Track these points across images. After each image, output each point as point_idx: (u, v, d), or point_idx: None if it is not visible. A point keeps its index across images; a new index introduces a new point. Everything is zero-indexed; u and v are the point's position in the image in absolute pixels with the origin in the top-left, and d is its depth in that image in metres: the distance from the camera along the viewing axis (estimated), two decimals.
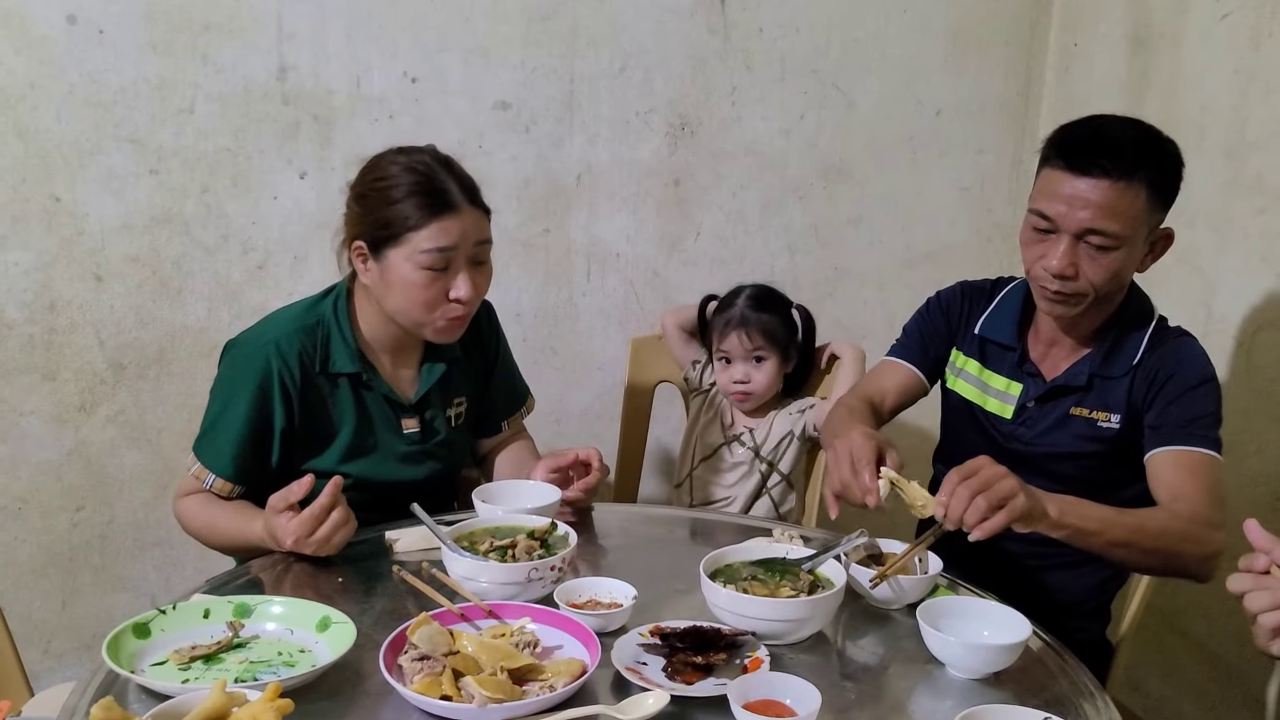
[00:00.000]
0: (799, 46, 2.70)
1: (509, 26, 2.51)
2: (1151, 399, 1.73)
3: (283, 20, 2.37)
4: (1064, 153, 1.66)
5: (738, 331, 2.28)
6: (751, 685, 1.24)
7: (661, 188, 2.71)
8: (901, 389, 1.99)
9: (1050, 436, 1.81)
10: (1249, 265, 2.23)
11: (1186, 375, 1.72)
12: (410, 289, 1.74)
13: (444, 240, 1.72)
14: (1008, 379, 1.87)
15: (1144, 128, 1.69)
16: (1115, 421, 1.76)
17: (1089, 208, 1.62)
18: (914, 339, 2.01)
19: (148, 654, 1.35)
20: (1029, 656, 1.42)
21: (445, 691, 1.22)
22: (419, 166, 1.75)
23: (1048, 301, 1.73)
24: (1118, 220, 1.62)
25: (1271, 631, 1.17)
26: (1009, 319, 1.88)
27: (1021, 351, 1.85)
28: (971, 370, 1.92)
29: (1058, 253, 1.66)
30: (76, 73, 2.27)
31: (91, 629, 2.52)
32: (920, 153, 2.85)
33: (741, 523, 2.04)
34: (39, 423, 2.40)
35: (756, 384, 2.28)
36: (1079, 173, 1.63)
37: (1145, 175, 1.62)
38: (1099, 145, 1.63)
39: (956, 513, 1.43)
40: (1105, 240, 1.63)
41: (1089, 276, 1.67)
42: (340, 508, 1.62)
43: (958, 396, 1.94)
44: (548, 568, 1.49)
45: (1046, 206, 1.67)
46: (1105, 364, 1.77)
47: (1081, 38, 2.74)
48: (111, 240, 2.37)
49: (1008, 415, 1.85)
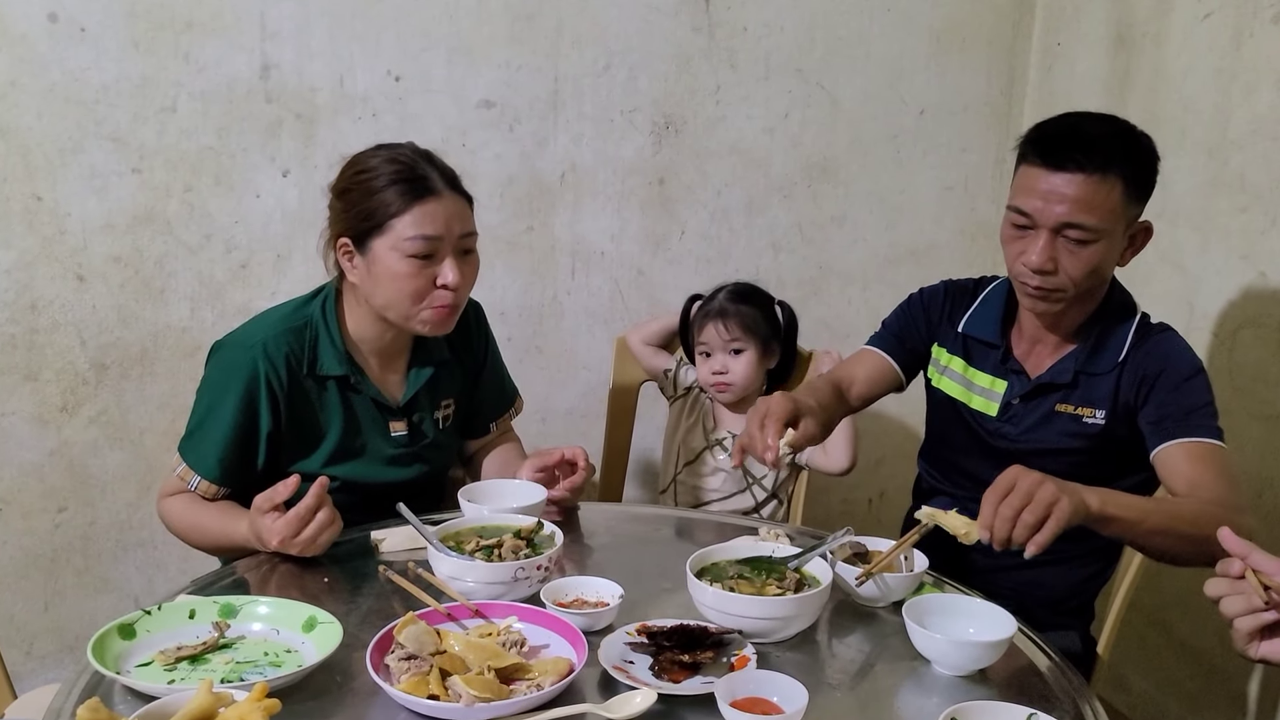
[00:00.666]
0: (783, 45, 2.71)
1: (493, 25, 2.51)
2: (1145, 396, 1.73)
3: (266, 18, 2.36)
4: (1039, 149, 1.67)
5: (715, 323, 2.28)
6: (739, 683, 1.24)
7: (646, 186, 2.71)
8: (873, 378, 1.99)
9: (1036, 433, 1.81)
10: (1231, 263, 2.24)
11: (1177, 368, 1.72)
12: (397, 279, 1.73)
13: (428, 227, 1.71)
14: (992, 376, 1.87)
15: (1118, 122, 1.70)
16: (1100, 417, 1.76)
17: (1065, 202, 1.63)
18: (893, 331, 2.01)
19: (133, 655, 1.34)
20: (1014, 654, 1.43)
21: (432, 691, 1.22)
22: (399, 157, 1.75)
23: (1029, 298, 1.74)
24: (1095, 213, 1.63)
25: (1248, 635, 1.18)
26: (993, 316, 1.88)
27: (1005, 349, 1.86)
28: (956, 368, 1.93)
29: (1037, 248, 1.67)
30: (58, 71, 2.26)
31: (74, 631, 2.50)
32: (904, 151, 2.86)
33: (727, 521, 2.04)
34: (20, 423, 2.39)
35: (735, 375, 2.28)
36: (1054, 168, 1.64)
37: (1120, 168, 1.63)
38: (1073, 140, 1.65)
39: (1003, 534, 1.39)
40: (1083, 234, 1.64)
41: (1068, 271, 1.67)
42: (326, 508, 1.61)
43: (942, 394, 1.95)
44: (534, 567, 1.49)
45: (1024, 202, 1.68)
46: (1090, 360, 1.77)
47: (1064, 37, 2.76)
48: (93, 239, 2.35)
49: (993, 413, 1.86)
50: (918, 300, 2.01)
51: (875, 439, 2.88)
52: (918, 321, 1.99)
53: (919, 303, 2.00)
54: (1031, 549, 1.38)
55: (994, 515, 1.40)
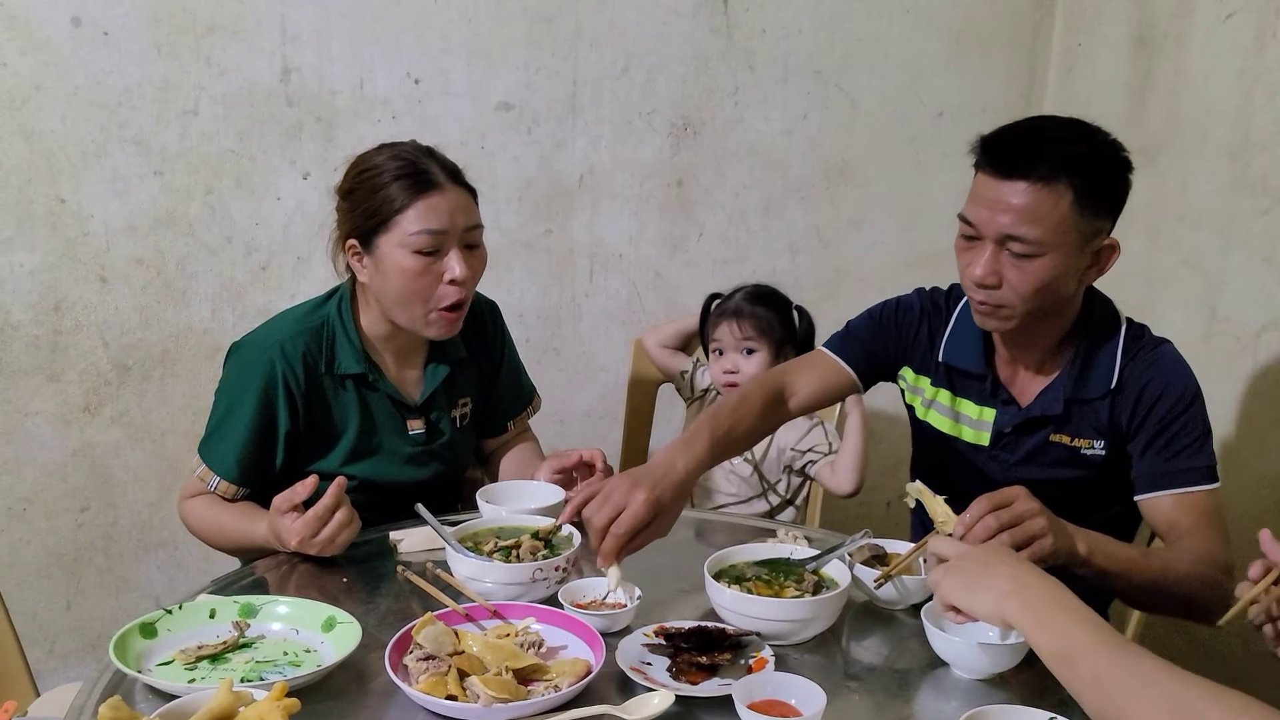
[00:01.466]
0: (801, 47, 2.70)
1: (512, 28, 2.51)
2: (1138, 425, 1.64)
3: (286, 22, 2.37)
4: (990, 156, 1.57)
5: (730, 322, 2.28)
6: (756, 685, 1.24)
7: (664, 188, 2.71)
8: (823, 388, 1.85)
9: (1031, 464, 1.72)
10: (1253, 266, 2.23)
11: (1173, 396, 1.62)
12: (404, 276, 1.73)
13: (433, 221, 1.71)
14: (980, 406, 1.76)
15: (1080, 128, 1.58)
16: (1100, 447, 1.67)
17: (1009, 212, 1.52)
18: (858, 341, 1.88)
19: (154, 654, 1.35)
20: (1033, 657, 1.42)
21: (450, 691, 1.22)
22: (401, 154, 1.76)
23: (978, 314, 1.64)
24: (1038, 226, 1.51)
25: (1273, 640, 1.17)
26: (972, 342, 1.76)
27: (992, 378, 1.74)
28: (943, 401, 1.81)
29: (980, 261, 1.57)
30: (81, 74, 2.28)
31: (96, 629, 2.52)
32: (923, 154, 2.85)
33: (745, 523, 2.04)
34: (44, 424, 2.41)
35: (745, 375, 2.27)
36: (1001, 176, 1.54)
37: (1071, 179, 1.51)
38: (1022, 146, 1.54)
39: (977, 539, 1.38)
40: (1026, 247, 1.53)
41: (1014, 286, 1.56)
42: (344, 508, 1.62)
43: (931, 429, 1.83)
44: (552, 568, 1.49)
45: (969, 211, 1.59)
46: (1079, 386, 1.67)
47: (1085, 38, 2.74)
48: (116, 241, 2.37)
49: (985, 443, 1.76)
50: (891, 314, 1.87)
51: (893, 443, 2.86)
52: (888, 337, 1.86)
53: (891, 317, 1.86)
54: None
55: (977, 520, 1.39)
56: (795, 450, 2.29)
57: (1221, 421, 2.29)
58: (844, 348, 1.88)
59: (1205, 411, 1.65)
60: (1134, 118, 2.53)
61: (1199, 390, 1.65)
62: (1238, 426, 2.26)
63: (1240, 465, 2.22)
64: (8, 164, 2.27)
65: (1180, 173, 2.38)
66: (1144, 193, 2.48)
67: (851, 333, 1.89)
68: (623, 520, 1.42)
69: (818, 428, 2.31)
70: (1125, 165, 1.58)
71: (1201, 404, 1.65)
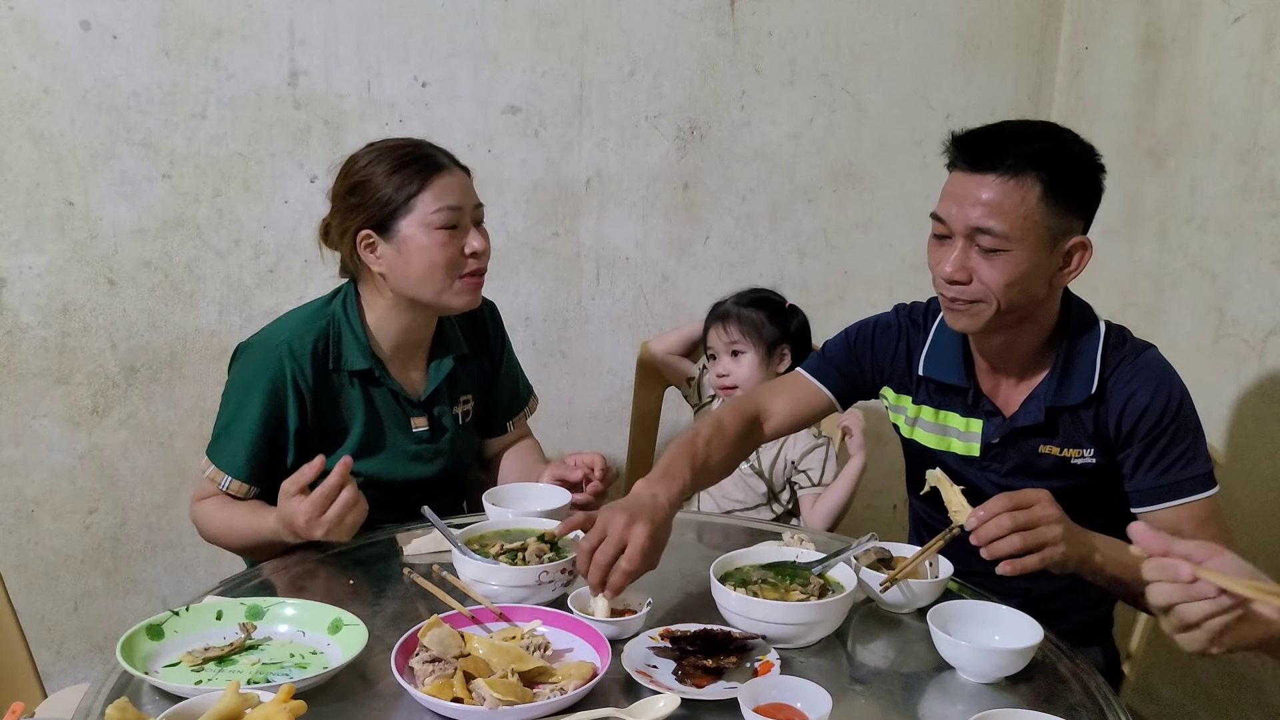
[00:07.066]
0: (808, 50, 2.70)
1: (518, 31, 2.52)
2: (1127, 438, 1.62)
3: (294, 25, 2.38)
4: (960, 151, 1.58)
5: (717, 326, 2.30)
6: (762, 689, 1.24)
7: (670, 192, 2.71)
8: (799, 411, 1.85)
9: (1022, 475, 1.69)
10: (1261, 269, 2.22)
11: (1159, 407, 1.60)
12: (430, 251, 1.78)
13: (450, 197, 1.79)
14: (965, 418, 1.74)
15: (1049, 128, 1.60)
16: (1090, 456, 1.66)
17: (978, 205, 1.53)
18: (834, 364, 1.86)
19: (161, 655, 1.35)
20: (1040, 661, 1.42)
21: (456, 694, 1.22)
22: (398, 145, 1.84)
23: (950, 312, 1.63)
24: (1005, 218, 1.52)
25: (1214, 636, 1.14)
26: (951, 354, 1.74)
27: (974, 390, 1.72)
28: (927, 417, 1.79)
29: (950, 257, 1.58)
30: (90, 78, 2.28)
31: (103, 631, 2.53)
32: (930, 157, 2.83)
33: (751, 526, 2.04)
34: (52, 426, 2.42)
35: (736, 377, 2.28)
36: (970, 170, 1.56)
37: (1039, 173, 1.52)
38: (991, 141, 1.56)
39: (987, 535, 1.38)
40: (994, 241, 1.53)
41: (985, 281, 1.56)
42: (350, 487, 1.62)
43: (918, 445, 1.81)
44: (558, 570, 1.50)
45: (940, 208, 1.60)
46: (1060, 393, 1.64)
47: (1092, 41, 2.74)
48: (124, 244, 2.38)
49: (975, 454, 1.73)
50: (868, 336, 1.85)
51: (899, 447, 2.85)
52: (863, 360, 1.84)
53: (868, 339, 1.84)
54: (1005, 568, 1.38)
55: (992, 516, 1.39)
56: (794, 465, 2.30)
57: (1230, 424, 2.28)
58: (820, 370, 1.87)
59: (1194, 413, 1.63)
60: (1142, 120, 2.53)
61: (1185, 392, 1.63)
62: (1246, 429, 2.25)
63: (1249, 467, 2.22)
64: (17, 167, 2.28)
65: (1189, 175, 2.37)
66: (1152, 195, 2.49)
67: (828, 355, 1.88)
68: (632, 558, 1.41)
69: (820, 449, 2.31)
70: (1096, 167, 1.59)
71: (1189, 406, 1.63)
